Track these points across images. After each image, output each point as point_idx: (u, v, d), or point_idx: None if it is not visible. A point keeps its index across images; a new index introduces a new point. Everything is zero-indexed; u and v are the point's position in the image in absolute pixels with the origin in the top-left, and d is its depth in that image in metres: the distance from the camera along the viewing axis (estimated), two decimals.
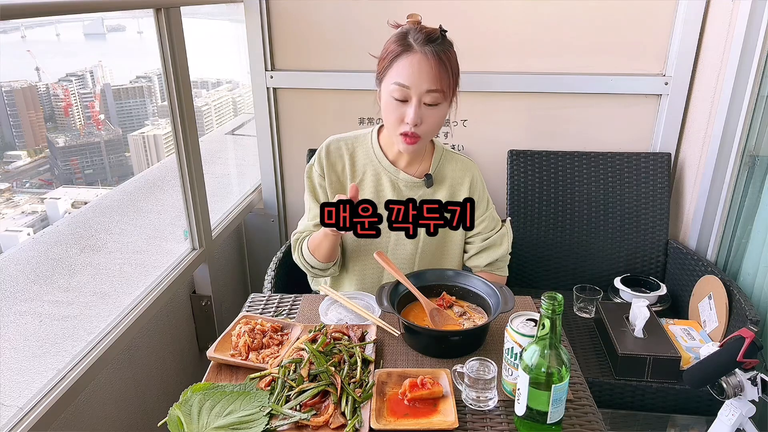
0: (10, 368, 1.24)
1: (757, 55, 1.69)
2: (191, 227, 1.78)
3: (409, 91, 1.24)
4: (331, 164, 1.43)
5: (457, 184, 1.44)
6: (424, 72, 1.23)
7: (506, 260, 1.53)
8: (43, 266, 1.63)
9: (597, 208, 2.04)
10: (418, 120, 1.26)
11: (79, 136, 6.28)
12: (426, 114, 1.27)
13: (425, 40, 1.24)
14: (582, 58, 2.04)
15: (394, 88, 1.25)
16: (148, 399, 1.58)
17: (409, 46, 1.25)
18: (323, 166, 1.43)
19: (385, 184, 1.41)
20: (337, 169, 1.44)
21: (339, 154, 1.44)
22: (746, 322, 1.51)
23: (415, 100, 1.25)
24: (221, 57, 2.84)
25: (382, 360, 1.11)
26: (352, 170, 1.43)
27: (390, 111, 1.29)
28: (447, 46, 1.28)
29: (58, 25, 2.52)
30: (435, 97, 1.25)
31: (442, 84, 1.24)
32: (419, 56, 1.23)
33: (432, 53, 1.23)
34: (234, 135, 3.01)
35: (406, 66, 1.24)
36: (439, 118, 1.30)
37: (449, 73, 1.26)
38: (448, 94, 1.28)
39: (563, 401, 0.90)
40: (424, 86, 1.24)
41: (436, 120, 1.29)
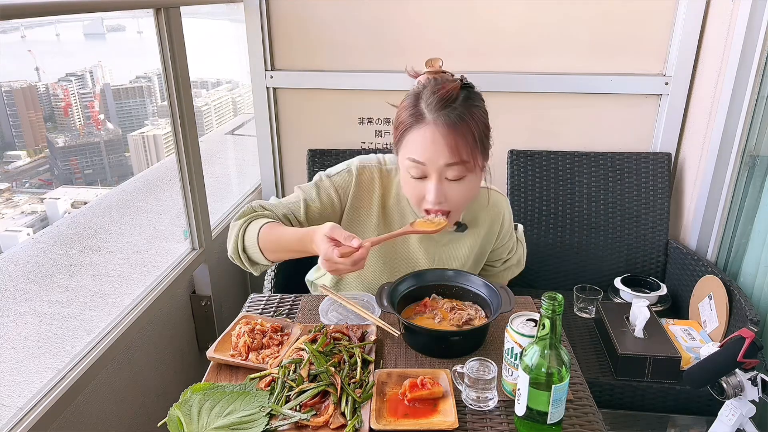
0: (10, 368, 1.24)
1: (757, 55, 1.69)
2: (191, 227, 1.78)
3: (426, 168, 1.10)
4: (357, 197, 1.26)
5: (489, 227, 1.35)
6: (439, 145, 1.07)
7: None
8: (42, 266, 1.63)
9: (597, 208, 2.04)
10: (442, 198, 1.11)
11: (79, 136, 6.28)
12: (450, 190, 1.11)
13: (438, 106, 1.07)
14: (582, 58, 2.04)
15: (410, 164, 1.11)
16: (148, 399, 1.58)
17: (422, 116, 1.08)
18: (348, 193, 1.25)
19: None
20: (363, 204, 1.26)
21: (371, 188, 1.26)
22: (746, 322, 1.51)
23: (435, 177, 1.10)
24: (221, 57, 2.84)
25: (382, 360, 1.10)
26: (380, 206, 1.27)
27: (409, 188, 1.16)
28: (470, 104, 1.11)
29: (57, 25, 2.52)
30: (457, 170, 1.09)
31: (463, 154, 1.07)
32: (432, 128, 1.07)
33: (446, 123, 1.06)
34: (234, 135, 3.01)
35: (418, 140, 1.08)
36: (466, 191, 1.14)
37: (472, 138, 1.08)
38: (474, 163, 1.10)
39: (563, 401, 0.90)
40: (441, 161, 1.08)
41: (464, 194, 1.14)
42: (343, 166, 1.29)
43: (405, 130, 1.11)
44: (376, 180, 1.27)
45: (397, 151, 1.18)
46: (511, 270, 1.51)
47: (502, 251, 1.45)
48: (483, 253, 1.41)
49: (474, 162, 1.11)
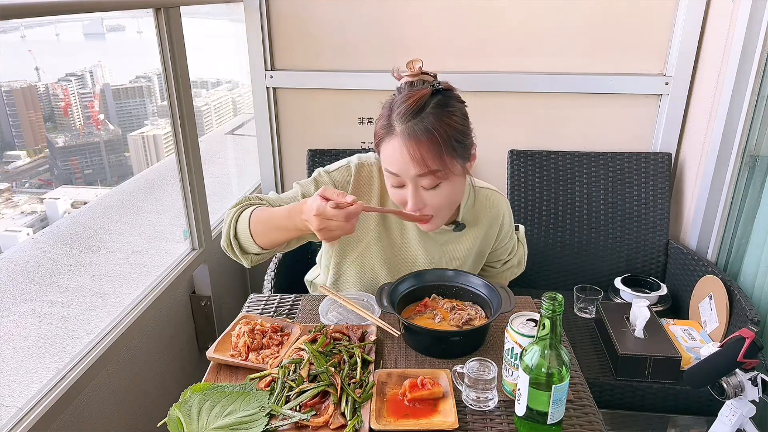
0: (10, 368, 1.24)
1: (757, 55, 1.69)
2: (191, 227, 1.78)
3: (400, 178, 1.11)
4: (357, 193, 1.26)
5: (487, 227, 1.35)
6: (407, 157, 1.06)
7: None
8: (42, 266, 1.63)
9: (597, 208, 2.04)
10: (420, 205, 1.12)
11: (79, 136, 6.28)
12: (428, 196, 1.12)
13: (406, 117, 1.06)
14: (582, 58, 2.04)
15: (387, 174, 1.13)
16: (148, 399, 1.58)
17: (391, 128, 1.09)
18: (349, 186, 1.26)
19: (410, 227, 1.30)
20: (366, 194, 1.27)
21: (370, 183, 1.27)
22: (747, 322, 1.51)
23: (411, 186, 1.10)
24: (221, 57, 2.84)
25: (382, 360, 1.10)
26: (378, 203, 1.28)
27: (392, 194, 1.17)
28: (442, 111, 1.08)
29: (57, 25, 2.52)
30: (430, 179, 1.09)
31: (431, 165, 1.06)
32: (399, 140, 1.07)
33: (410, 135, 1.05)
34: (234, 135, 3.01)
35: (389, 152, 1.09)
36: (446, 197, 1.13)
37: (439, 148, 1.06)
38: (446, 170, 1.08)
39: (563, 402, 0.90)
40: (412, 172, 1.08)
41: (444, 199, 1.13)
42: (342, 163, 1.29)
43: (379, 140, 1.13)
44: (375, 177, 1.27)
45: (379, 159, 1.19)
46: (511, 271, 1.51)
47: (501, 252, 1.45)
48: (482, 254, 1.41)
49: (446, 169, 1.09)
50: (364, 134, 2.21)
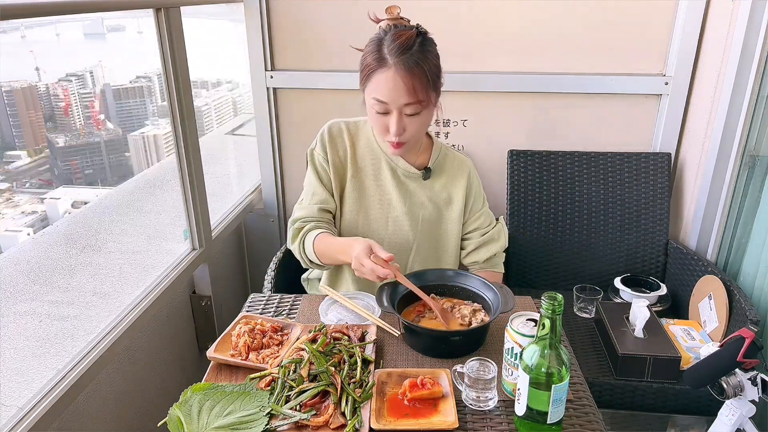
0: (10, 368, 1.24)
1: (757, 55, 1.69)
2: (191, 227, 1.78)
3: (388, 106, 1.26)
4: (333, 147, 1.44)
5: (453, 178, 1.47)
6: (400, 86, 1.23)
7: (502, 257, 1.57)
8: (43, 266, 1.62)
9: (597, 208, 2.04)
10: (401, 131, 1.28)
11: (79, 136, 6.27)
12: (408, 123, 1.29)
13: (398, 51, 1.23)
14: (582, 58, 2.04)
15: (373, 102, 1.28)
16: (148, 399, 1.58)
17: (384, 60, 1.24)
18: (326, 148, 1.44)
19: (384, 171, 1.44)
20: (339, 153, 1.45)
21: (341, 137, 1.45)
22: (746, 322, 1.51)
23: (395, 113, 1.27)
24: (221, 57, 2.84)
25: (382, 360, 1.11)
26: (353, 155, 1.45)
27: (374, 120, 1.33)
28: (425, 49, 1.26)
29: (58, 25, 2.52)
30: (414, 107, 1.26)
31: (419, 95, 1.24)
32: (393, 71, 1.23)
33: (405, 66, 1.22)
34: (234, 135, 3.00)
35: (381, 82, 1.25)
36: (421, 124, 1.32)
37: (427, 80, 1.25)
38: (428, 101, 1.28)
39: (563, 401, 0.90)
40: (402, 100, 1.24)
41: (419, 126, 1.31)
42: (317, 137, 1.47)
43: (370, 72, 1.26)
44: (343, 130, 1.46)
45: (362, 89, 1.32)
46: (492, 243, 1.51)
47: (476, 219, 1.51)
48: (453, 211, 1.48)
49: (428, 100, 1.27)
50: None
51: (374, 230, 1.44)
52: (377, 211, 1.45)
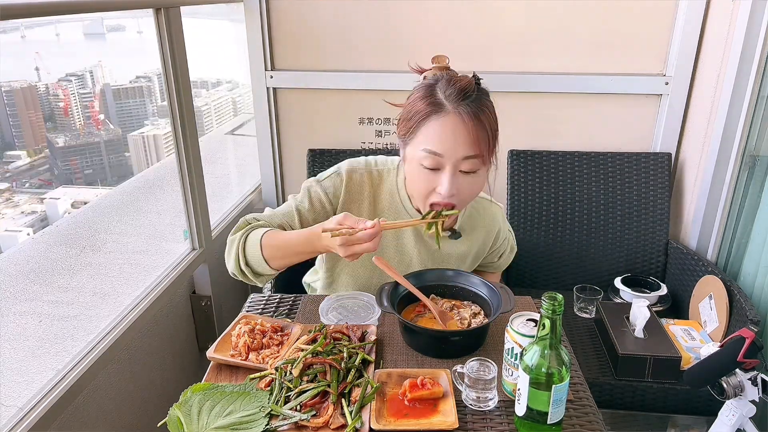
0: (10, 368, 1.24)
1: (757, 55, 1.69)
2: (191, 227, 1.78)
3: (442, 160, 1.08)
4: (349, 200, 1.25)
5: (483, 236, 1.36)
6: (461, 137, 1.06)
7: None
8: (43, 266, 1.62)
9: (597, 208, 2.04)
10: (454, 191, 1.10)
11: (79, 136, 6.27)
12: (462, 183, 1.11)
13: (459, 97, 1.07)
14: (582, 58, 2.04)
15: (424, 155, 1.08)
16: (148, 399, 1.58)
17: (441, 106, 1.07)
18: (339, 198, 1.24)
19: (407, 232, 1.28)
20: (352, 207, 1.26)
21: (361, 190, 1.25)
22: (746, 322, 1.51)
23: (450, 168, 1.08)
24: (221, 57, 2.84)
25: (382, 360, 1.10)
26: (371, 209, 1.26)
27: (419, 180, 1.13)
28: (484, 99, 1.11)
29: (58, 25, 2.52)
30: (473, 163, 1.09)
31: (481, 148, 1.07)
32: (453, 118, 1.06)
33: (469, 114, 1.06)
34: (234, 135, 3.00)
35: (438, 131, 1.07)
36: (477, 186, 1.14)
37: (489, 133, 1.08)
38: (488, 157, 1.11)
39: (563, 401, 0.90)
40: (461, 153, 1.07)
41: (475, 189, 1.14)
42: (332, 170, 1.28)
43: (421, 119, 1.09)
44: (366, 182, 1.26)
45: (405, 143, 1.15)
46: (507, 258, 1.51)
47: (494, 255, 1.47)
48: (475, 260, 1.43)
49: (488, 156, 1.11)
50: (364, 134, 2.21)
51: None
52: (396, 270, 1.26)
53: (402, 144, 1.17)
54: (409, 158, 1.14)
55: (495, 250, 1.45)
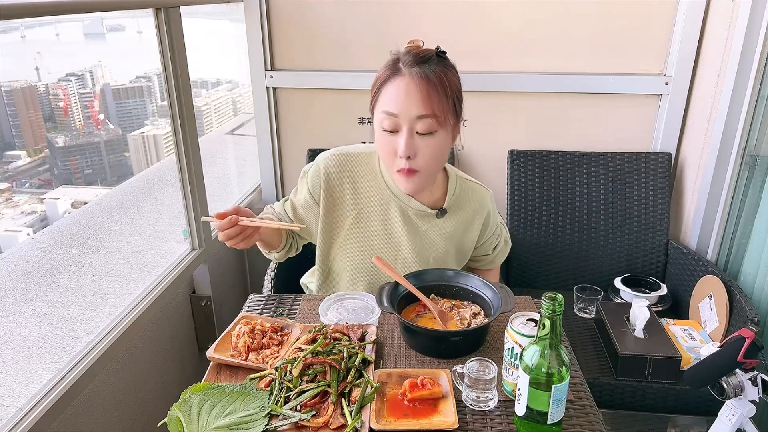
0: (10, 368, 1.24)
1: (757, 55, 1.69)
2: (191, 227, 1.78)
3: (398, 120, 1.13)
4: (329, 190, 1.31)
5: (470, 217, 1.36)
6: (413, 95, 1.11)
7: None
8: (42, 266, 1.63)
9: (597, 208, 2.04)
10: (411, 152, 1.13)
11: (79, 136, 6.26)
12: (420, 145, 1.14)
13: (414, 61, 1.13)
14: (582, 58, 2.04)
15: (383, 117, 1.14)
16: (148, 399, 1.58)
17: (398, 70, 1.14)
18: (320, 188, 1.31)
19: (393, 212, 1.30)
20: (334, 197, 1.31)
21: (340, 178, 1.30)
22: (747, 322, 1.51)
23: (406, 129, 1.13)
24: (221, 57, 2.84)
25: (382, 360, 1.10)
26: (354, 195, 1.30)
27: (382, 144, 1.18)
28: (445, 65, 1.16)
29: (57, 25, 2.51)
30: (428, 123, 1.12)
31: (434, 108, 1.11)
32: (407, 79, 1.12)
33: (420, 74, 1.11)
34: (234, 135, 3.00)
35: (392, 91, 1.13)
36: (436, 149, 1.16)
37: (444, 95, 1.12)
38: (445, 119, 1.13)
39: (563, 401, 0.90)
40: (414, 111, 1.11)
41: (433, 151, 1.15)
42: (315, 162, 1.34)
43: (381, 84, 1.16)
44: (344, 170, 1.31)
45: (372, 110, 1.21)
46: (502, 252, 1.50)
47: (491, 243, 1.46)
48: (465, 245, 1.40)
49: (445, 117, 1.13)
50: (364, 134, 2.21)
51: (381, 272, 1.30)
52: (385, 254, 1.32)
53: (371, 112, 1.23)
54: (375, 126, 1.20)
55: (488, 240, 1.43)
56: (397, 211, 1.30)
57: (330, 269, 1.40)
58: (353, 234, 1.33)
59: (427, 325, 1.15)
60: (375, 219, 1.32)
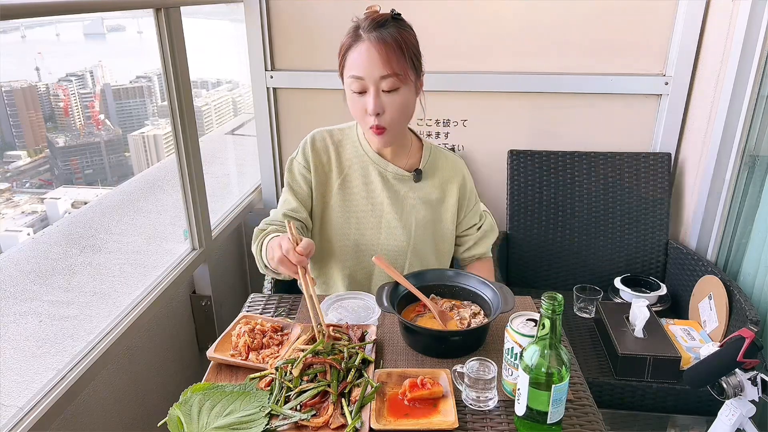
0: (10, 368, 1.24)
1: (757, 55, 1.69)
2: (191, 227, 1.78)
3: (364, 82, 1.23)
4: (317, 156, 1.40)
5: (447, 180, 1.44)
6: (374, 58, 1.21)
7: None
8: (43, 266, 1.63)
9: (597, 208, 2.04)
10: (379, 109, 1.24)
11: (79, 136, 6.27)
12: (387, 102, 1.24)
13: (372, 26, 1.23)
14: (582, 58, 2.04)
15: (351, 81, 1.25)
16: (148, 399, 1.58)
17: (359, 37, 1.24)
18: (309, 159, 1.40)
19: (373, 176, 1.40)
20: (323, 161, 1.41)
21: (324, 147, 1.41)
22: (746, 322, 1.51)
23: (372, 89, 1.23)
24: (221, 57, 2.84)
25: (382, 360, 1.11)
26: (338, 164, 1.41)
27: (353, 105, 1.29)
28: (401, 26, 1.26)
29: (58, 25, 2.51)
30: (391, 82, 1.22)
31: (395, 67, 1.21)
32: (367, 44, 1.22)
33: (378, 38, 1.21)
34: (234, 135, 3.00)
35: (356, 57, 1.23)
36: (401, 105, 1.26)
37: (402, 54, 1.22)
38: (406, 76, 1.24)
39: (563, 401, 0.90)
40: (376, 73, 1.21)
41: (399, 106, 1.26)
42: (300, 144, 1.43)
43: (346, 50, 1.26)
44: (328, 144, 1.42)
45: (341, 75, 1.30)
46: (488, 236, 1.53)
47: (472, 217, 1.50)
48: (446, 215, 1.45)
49: (405, 74, 1.23)
50: None
51: (367, 238, 1.40)
52: (369, 219, 1.40)
53: (340, 78, 1.31)
54: (346, 89, 1.29)
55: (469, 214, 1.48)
56: (377, 174, 1.39)
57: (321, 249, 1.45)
58: (339, 198, 1.41)
59: (427, 325, 1.15)
60: (358, 183, 1.40)
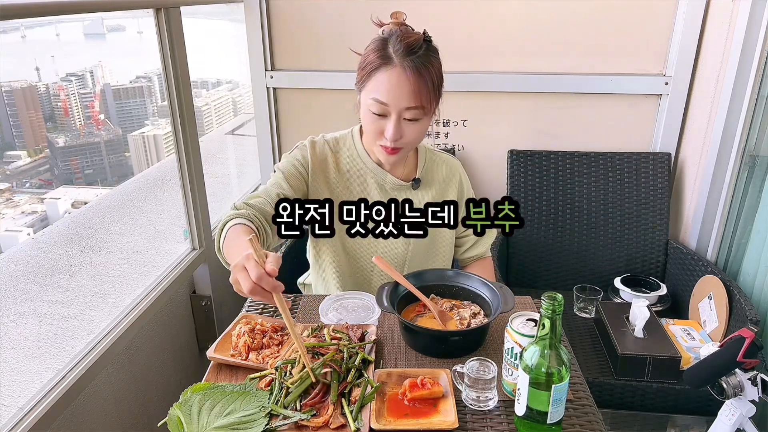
0: (10, 368, 1.24)
1: (757, 55, 1.69)
2: (191, 227, 1.78)
3: (387, 108, 1.20)
4: (316, 166, 1.36)
5: (444, 185, 1.42)
6: (404, 88, 1.17)
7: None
8: (43, 266, 1.63)
9: (597, 208, 2.04)
10: (398, 136, 1.22)
11: (79, 136, 6.27)
12: (406, 129, 1.22)
13: (405, 52, 1.18)
14: (582, 58, 2.04)
15: (372, 103, 1.21)
16: (148, 399, 1.58)
17: (389, 59, 1.19)
18: (308, 160, 1.35)
19: (371, 186, 1.37)
20: (321, 169, 1.37)
21: (324, 158, 1.38)
22: (746, 322, 1.51)
23: (394, 116, 1.20)
24: (221, 57, 2.84)
25: (382, 360, 1.11)
26: (336, 172, 1.37)
27: (369, 122, 1.25)
28: (430, 55, 1.22)
29: (58, 25, 2.52)
30: (415, 113, 1.20)
31: (422, 100, 1.19)
32: (398, 71, 1.17)
33: (411, 68, 1.17)
34: (234, 135, 3.01)
35: (384, 81, 1.19)
36: (419, 132, 1.25)
37: (430, 86, 1.20)
38: (429, 108, 1.22)
39: (563, 401, 0.90)
40: (403, 103, 1.18)
41: (417, 134, 1.25)
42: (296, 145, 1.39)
43: (372, 70, 1.21)
44: (327, 152, 1.38)
45: (359, 90, 1.27)
46: (487, 236, 1.51)
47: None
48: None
49: (430, 107, 1.22)
50: None
51: (364, 247, 1.38)
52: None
53: (357, 90, 1.29)
54: (362, 103, 1.27)
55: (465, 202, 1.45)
56: (374, 184, 1.37)
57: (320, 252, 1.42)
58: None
59: (427, 325, 1.15)
60: (356, 192, 1.38)
